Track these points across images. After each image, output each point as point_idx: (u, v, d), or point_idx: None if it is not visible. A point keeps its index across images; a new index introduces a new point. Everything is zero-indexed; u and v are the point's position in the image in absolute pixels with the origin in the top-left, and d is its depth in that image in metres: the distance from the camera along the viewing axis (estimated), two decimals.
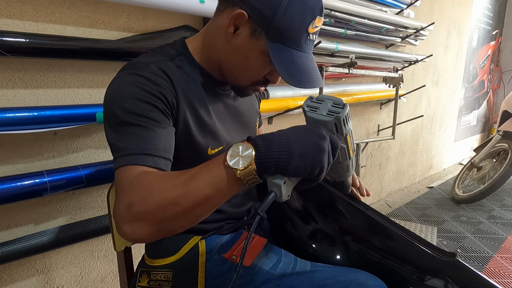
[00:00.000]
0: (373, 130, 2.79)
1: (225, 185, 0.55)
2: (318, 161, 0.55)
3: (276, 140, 0.55)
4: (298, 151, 0.54)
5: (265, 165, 0.54)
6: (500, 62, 4.99)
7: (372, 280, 0.71)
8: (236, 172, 0.53)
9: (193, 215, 0.56)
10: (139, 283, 0.83)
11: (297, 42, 0.68)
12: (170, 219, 0.55)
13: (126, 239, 0.57)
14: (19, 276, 1.10)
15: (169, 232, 0.58)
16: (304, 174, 0.55)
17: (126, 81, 0.67)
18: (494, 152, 3.13)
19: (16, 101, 1.02)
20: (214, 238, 0.82)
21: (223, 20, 0.70)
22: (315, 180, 0.58)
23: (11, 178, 0.98)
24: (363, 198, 0.87)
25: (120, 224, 0.55)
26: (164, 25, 1.30)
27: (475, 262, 2.04)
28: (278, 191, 0.55)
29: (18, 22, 0.99)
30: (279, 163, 0.54)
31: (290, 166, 0.54)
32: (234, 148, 0.55)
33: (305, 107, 0.61)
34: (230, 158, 0.54)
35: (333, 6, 1.80)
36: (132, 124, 0.63)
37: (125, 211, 0.55)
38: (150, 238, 0.56)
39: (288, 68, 0.67)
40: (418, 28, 2.57)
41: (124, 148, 0.61)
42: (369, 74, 2.13)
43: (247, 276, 0.75)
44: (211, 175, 0.55)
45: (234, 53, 0.71)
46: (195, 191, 0.54)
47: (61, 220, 1.16)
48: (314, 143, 0.55)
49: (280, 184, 0.54)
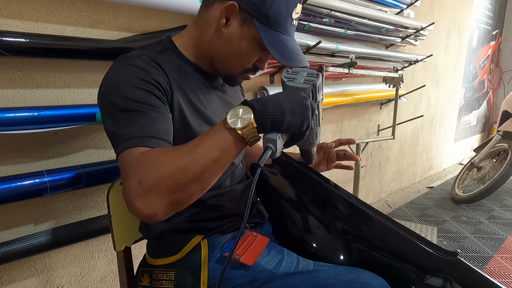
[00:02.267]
0: (373, 130, 2.79)
1: (230, 146, 0.60)
2: (306, 117, 0.63)
3: (270, 101, 0.61)
4: (289, 109, 0.61)
5: (263, 123, 0.60)
6: (500, 62, 4.99)
7: (375, 279, 0.71)
8: (239, 132, 0.58)
9: (202, 180, 0.59)
10: (141, 282, 0.83)
11: (284, 27, 0.75)
12: (181, 187, 0.57)
13: (139, 216, 0.57)
14: (19, 276, 1.10)
15: (181, 203, 0.60)
16: (295, 129, 0.63)
17: (120, 71, 0.69)
18: (494, 152, 3.13)
19: (16, 101, 1.02)
20: (216, 237, 0.82)
21: (213, 13, 0.75)
22: (302, 136, 0.67)
23: (11, 178, 0.98)
24: (363, 198, 0.87)
25: (133, 201, 0.56)
26: (164, 25, 1.30)
27: (475, 262, 2.04)
28: (274, 145, 0.61)
29: (18, 22, 0.99)
30: (274, 120, 0.60)
31: (284, 122, 0.61)
32: (232, 112, 0.60)
33: (283, 78, 0.68)
34: (231, 121, 0.59)
35: (333, 6, 1.80)
36: (131, 110, 0.64)
37: (137, 187, 0.56)
38: (163, 211, 0.58)
39: (280, 50, 0.74)
40: (418, 28, 2.57)
41: (126, 133, 0.63)
42: (369, 74, 2.13)
43: (250, 275, 0.75)
44: (215, 139, 0.59)
45: (227, 43, 0.76)
46: (202, 155, 0.58)
47: (61, 220, 1.16)
48: (301, 102, 0.63)
49: (275, 139, 0.61)
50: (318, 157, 0.97)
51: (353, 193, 0.91)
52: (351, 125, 2.54)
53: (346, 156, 0.96)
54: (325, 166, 0.98)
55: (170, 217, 0.81)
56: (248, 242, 0.81)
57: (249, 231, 0.85)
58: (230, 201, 0.85)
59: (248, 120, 0.58)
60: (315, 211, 0.89)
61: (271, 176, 0.99)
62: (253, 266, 0.76)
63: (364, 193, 2.85)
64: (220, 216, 0.84)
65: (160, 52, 0.77)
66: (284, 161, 0.96)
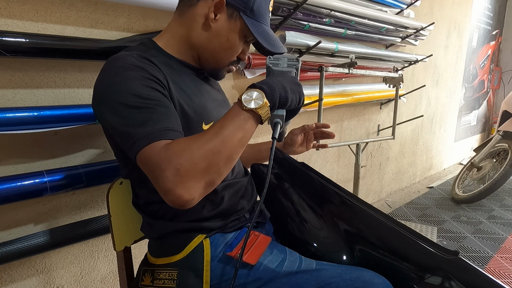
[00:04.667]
0: (373, 130, 2.79)
1: (250, 125, 0.66)
2: (302, 94, 0.72)
3: (274, 83, 0.68)
4: (289, 88, 0.69)
5: (273, 102, 0.67)
6: (500, 62, 4.99)
7: (377, 278, 0.71)
8: (257, 111, 0.65)
9: (231, 160, 0.66)
10: (142, 282, 0.83)
11: (265, 18, 0.83)
12: (215, 169, 0.63)
13: (179, 203, 0.61)
14: (19, 276, 1.10)
15: (213, 185, 0.65)
16: (295, 105, 0.72)
17: (119, 71, 0.70)
18: (494, 152, 3.13)
19: (16, 101, 1.02)
20: (219, 236, 0.82)
21: (199, 11, 0.80)
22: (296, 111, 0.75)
23: (11, 178, 0.97)
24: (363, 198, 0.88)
25: (173, 189, 0.59)
26: (164, 25, 1.30)
27: (475, 262, 2.04)
28: (282, 120, 0.70)
29: (18, 22, 0.99)
30: (281, 98, 0.68)
31: (288, 99, 0.69)
32: (245, 96, 0.66)
33: (269, 64, 0.75)
34: (247, 103, 0.65)
35: (333, 6, 1.80)
36: (141, 107, 0.66)
37: (175, 175, 0.59)
38: (199, 195, 0.63)
39: (267, 38, 0.82)
40: (418, 28, 2.57)
41: (141, 131, 0.64)
42: (369, 74, 2.13)
43: (253, 274, 0.75)
44: (236, 120, 0.65)
45: (215, 37, 0.81)
46: (229, 136, 0.64)
47: (61, 220, 1.16)
48: (295, 82, 0.72)
49: (283, 114, 0.70)
50: (298, 139, 1.07)
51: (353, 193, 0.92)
52: (351, 125, 2.54)
53: (323, 135, 1.07)
54: (305, 147, 1.09)
55: (172, 217, 0.82)
56: (250, 241, 0.81)
57: (251, 231, 0.85)
58: (232, 195, 0.86)
59: (263, 101, 0.65)
60: (316, 211, 0.89)
61: (271, 176, 0.99)
62: (256, 265, 0.76)
63: (364, 193, 2.85)
64: (222, 211, 0.84)
65: (144, 51, 0.79)
66: (284, 161, 0.97)
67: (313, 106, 1.86)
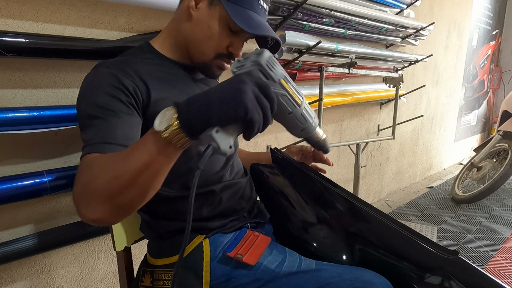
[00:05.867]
0: (373, 130, 2.79)
1: (157, 150, 0.55)
2: (240, 102, 0.52)
3: (197, 97, 0.55)
4: (217, 99, 0.53)
5: (188, 122, 0.53)
6: (500, 62, 4.99)
7: (377, 278, 0.71)
8: (162, 135, 0.53)
9: (138, 186, 0.57)
10: (142, 283, 0.83)
11: (251, 5, 0.77)
12: (117, 193, 0.56)
13: (86, 221, 0.60)
14: (19, 276, 1.10)
15: (123, 208, 0.58)
16: (232, 118, 0.53)
17: (88, 78, 0.74)
18: (494, 152, 3.13)
19: (16, 101, 1.02)
20: (218, 237, 0.82)
21: (185, 3, 0.80)
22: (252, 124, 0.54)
23: (11, 178, 0.97)
24: (363, 198, 0.87)
25: (77, 207, 0.59)
26: (164, 25, 1.29)
27: (475, 262, 2.04)
28: (214, 142, 0.53)
29: (18, 22, 0.99)
30: (201, 115, 0.53)
31: (212, 114, 0.52)
32: (160, 115, 0.54)
33: (233, 69, 0.62)
34: (157, 123, 0.54)
35: (333, 6, 1.80)
36: (94, 116, 0.67)
37: (80, 193, 0.59)
38: (107, 216, 0.58)
39: (245, 20, 0.75)
40: (418, 28, 2.57)
41: (88, 139, 0.66)
42: (369, 74, 2.13)
43: (252, 275, 0.75)
44: (144, 143, 0.56)
45: (196, 26, 0.80)
46: (133, 161, 0.56)
47: (61, 220, 1.16)
48: (231, 88, 0.54)
49: (211, 134, 0.53)
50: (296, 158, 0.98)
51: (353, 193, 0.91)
52: (351, 125, 2.54)
53: (321, 160, 0.97)
54: None
55: (172, 216, 0.82)
56: (250, 241, 0.81)
57: (250, 231, 0.85)
58: (231, 195, 0.86)
59: (169, 122, 0.53)
60: (316, 211, 0.89)
61: (271, 176, 0.99)
62: (255, 265, 0.76)
63: (364, 193, 2.85)
64: (221, 211, 0.84)
65: (137, 55, 0.80)
66: (284, 161, 0.96)
67: (313, 106, 1.86)
